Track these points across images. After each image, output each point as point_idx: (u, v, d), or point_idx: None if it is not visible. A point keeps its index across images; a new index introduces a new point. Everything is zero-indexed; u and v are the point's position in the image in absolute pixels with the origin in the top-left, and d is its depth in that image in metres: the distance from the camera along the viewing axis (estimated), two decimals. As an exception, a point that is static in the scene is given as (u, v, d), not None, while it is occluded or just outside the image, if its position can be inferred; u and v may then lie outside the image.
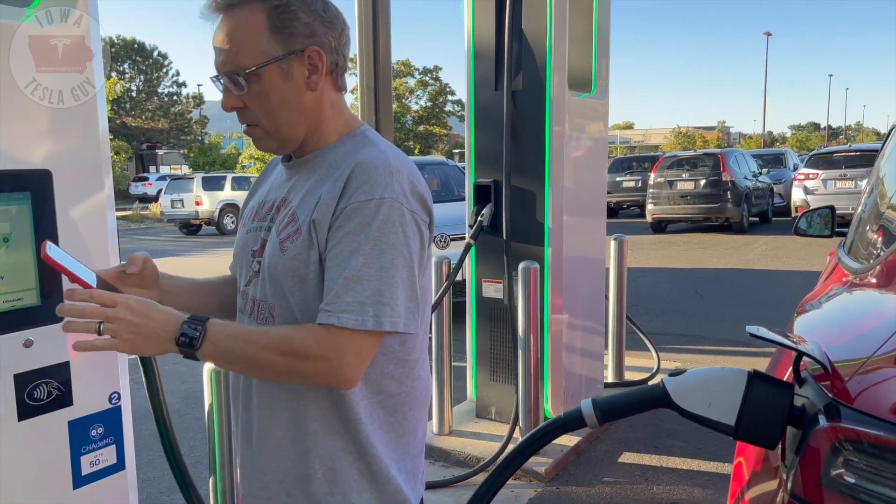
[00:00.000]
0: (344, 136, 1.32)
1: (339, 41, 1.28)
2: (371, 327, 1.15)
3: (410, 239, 1.21)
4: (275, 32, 1.22)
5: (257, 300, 1.31)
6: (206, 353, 1.16)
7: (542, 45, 3.88)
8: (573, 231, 4.13)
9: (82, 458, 1.66)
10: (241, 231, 1.40)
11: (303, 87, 1.25)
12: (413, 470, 1.37)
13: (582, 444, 3.95)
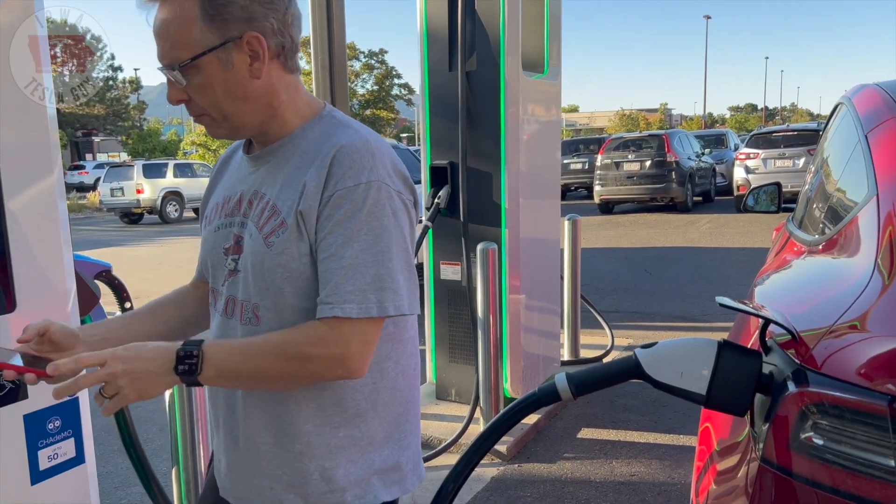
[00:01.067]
0: (310, 120, 1.26)
1: (283, 21, 1.20)
2: (375, 314, 1.14)
3: (401, 220, 1.19)
4: (208, 20, 1.15)
5: (238, 299, 1.26)
6: (209, 376, 1.12)
7: (495, 25, 3.87)
8: (529, 212, 4.15)
9: (39, 453, 1.60)
10: (208, 230, 1.33)
11: (246, 75, 1.18)
12: (415, 446, 1.38)
13: (541, 421, 4.01)
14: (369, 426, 1.26)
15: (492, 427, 1.36)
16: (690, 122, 70.91)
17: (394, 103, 41.79)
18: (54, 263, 1.60)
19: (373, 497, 1.27)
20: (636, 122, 62.53)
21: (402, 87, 41.04)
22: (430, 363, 4.43)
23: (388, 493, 1.30)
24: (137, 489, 3.45)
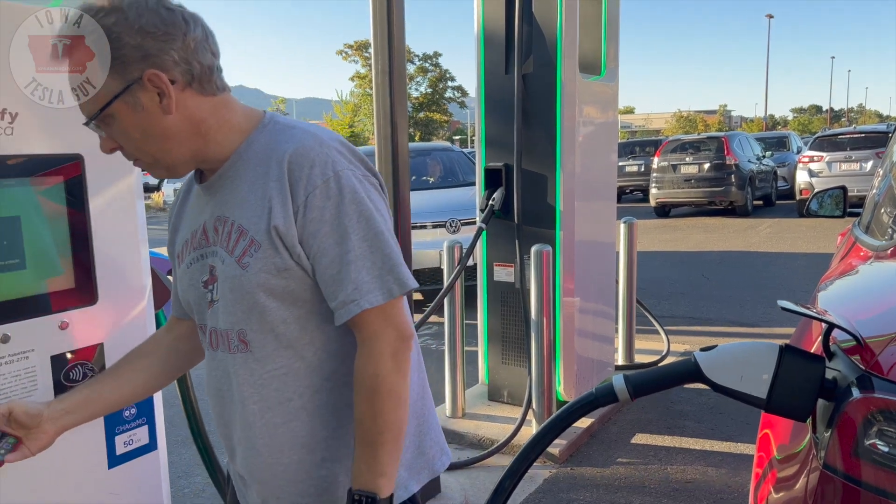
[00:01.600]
0: (252, 132, 1.23)
1: (186, 50, 1.15)
2: (398, 293, 1.17)
3: (376, 200, 1.21)
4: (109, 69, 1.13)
5: (220, 330, 1.24)
6: (387, 486, 1.17)
7: (552, 27, 3.88)
8: (584, 214, 4.14)
9: (116, 439, 1.69)
10: (181, 268, 1.31)
11: (159, 112, 1.15)
12: (435, 426, 1.40)
13: (595, 425, 3.99)
14: None
15: (549, 425, 1.38)
16: (751, 125, 69.07)
17: (447, 106, 41.94)
18: (132, 260, 1.70)
19: (403, 490, 1.29)
20: (694, 124, 61.19)
21: (456, 89, 41.16)
22: (482, 364, 4.45)
23: (417, 481, 1.32)
24: (199, 478, 3.58)
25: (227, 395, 1.27)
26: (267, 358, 1.21)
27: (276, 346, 1.21)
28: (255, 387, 1.22)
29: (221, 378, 1.28)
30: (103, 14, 1.11)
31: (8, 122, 1.46)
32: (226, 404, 1.28)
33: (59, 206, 1.56)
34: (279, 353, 1.21)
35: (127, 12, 1.11)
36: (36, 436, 1.30)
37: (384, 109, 2.89)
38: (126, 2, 1.12)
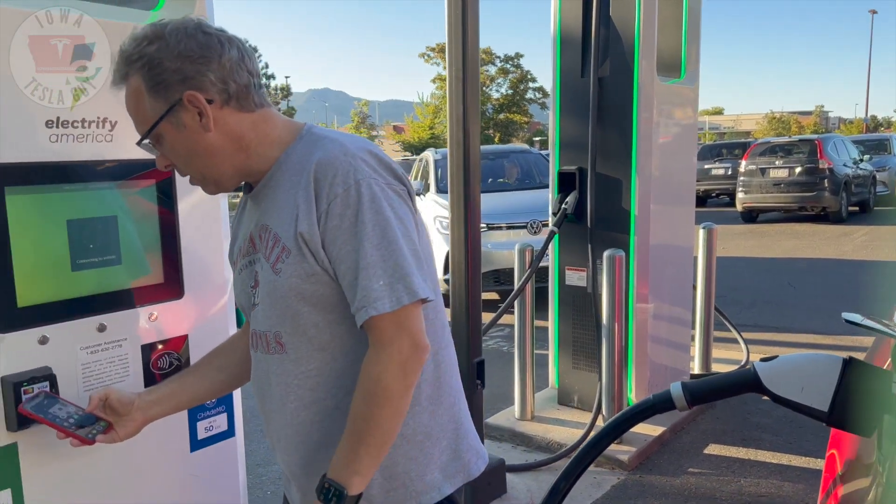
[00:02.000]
0: (291, 144, 1.29)
1: (222, 70, 1.22)
2: (407, 301, 1.17)
3: (398, 209, 1.22)
4: (153, 92, 1.22)
5: (259, 332, 1.32)
6: (357, 483, 1.19)
7: (630, 30, 3.84)
8: (660, 219, 4.08)
9: (198, 424, 1.81)
10: (235, 273, 1.40)
11: (200, 130, 1.23)
12: (472, 431, 1.41)
13: (666, 434, 3.92)
14: (419, 421, 1.29)
15: (606, 429, 1.40)
16: (850, 126, 65.47)
17: (527, 107, 41.72)
18: (215, 258, 1.81)
19: (437, 492, 1.32)
20: (787, 126, 58.52)
21: (537, 90, 40.90)
22: (552, 368, 4.45)
23: (451, 484, 1.34)
24: (276, 467, 3.74)
25: (267, 394, 1.34)
26: (301, 359, 1.27)
27: (310, 349, 1.26)
28: (291, 386, 1.29)
29: (262, 377, 1.35)
30: (147, 42, 1.20)
31: (108, 129, 1.59)
32: (266, 402, 1.36)
33: (151, 207, 1.69)
34: (313, 354, 1.26)
35: (168, 39, 1.19)
36: (125, 423, 1.44)
37: (457, 115, 2.95)
38: (168, 29, 1.21)
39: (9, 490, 1.47)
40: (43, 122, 1.49)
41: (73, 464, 1.55)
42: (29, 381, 1.45)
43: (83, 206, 1.57)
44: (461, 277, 3.11)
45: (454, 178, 3.04)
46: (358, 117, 46.42)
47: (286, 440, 1.33)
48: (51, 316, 1.51)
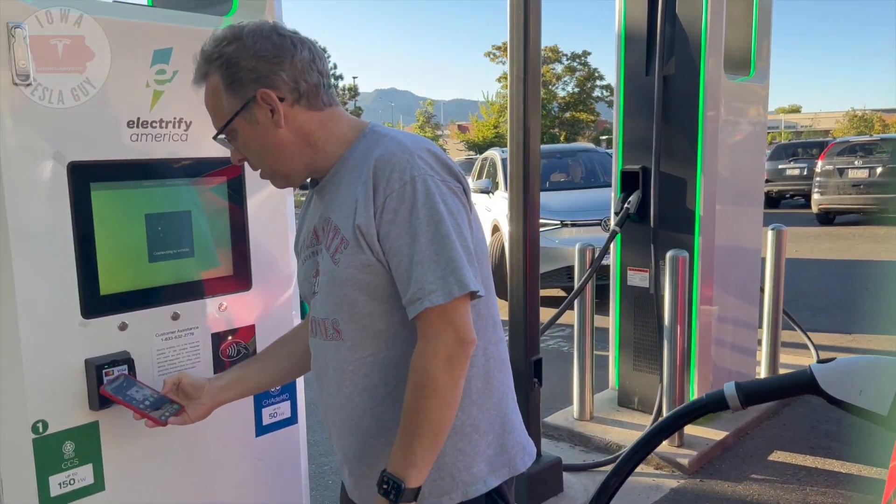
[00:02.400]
0: (355, 142, 1.35)
1: (294, 70, 1.29)
2: (458, 294, 1.21)
3: (452, 205, 1.25)
4: (230, 89, 1.29)
5: (318, 319, 1.38)
6: (417, 478, 1.23)
7: (696, 27, 3.78)
8: (726, 220, 4.00)
9: (263, 410, 1.89)
10: (299, 263, 1.46)
11: (272, 127, 1.30)
12: (519, 427, 1.44)
13: (729, 439, 3.84)
14: (468, 414, 1.33)
15: (657, 428, 1.40)
16: (938, 124, 61.88)
17: (594, 105, 41.18)
18: (281, 251, 1.90)
19: (482, 483, 1.35)
20: (870, 124, 55.81)
21: (605, 88, 40.33)
22: (612, 369, 4.42)
23: (497, 477, 1.37)
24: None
25: (325, 379, 1.41)
26: (357, 346, 1.32)
27: (365, 336, 1.31)
28: (346, 372, 1.34)
29: (320, 363, 1.42)
30: (226, 43, 1.28)
31: (183, 129, 1.69)
32: (323, 387, 1.42)
33: (222, 203, 1.78)
34: (367, 342, 1.32)
35: (245, 40, 1.27)
36: (196, 406, 1.53)
37: (518, 114, 2.97)
38: (246, 31, 1.29)
39: (90, 465, 1.59)
40: (125, 123, 1.60)
41: (148, 442, 1.66)
42: (110, 364, 1.56)
43: (160, 202, 1.67)
44: (519, 276, 3.13)
45: (514, 178, 3.06)
46: (423, 117, 46.76)
47: (340, 424, 1.39)
48: (130, 304, 1.62)
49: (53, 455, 1.52)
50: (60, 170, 1.50)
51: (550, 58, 39.25)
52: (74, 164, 1.51)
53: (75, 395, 1.55)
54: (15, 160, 1.44)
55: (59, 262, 1.51)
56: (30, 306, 1.48)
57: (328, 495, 3.51)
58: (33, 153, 1.46)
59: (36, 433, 1.50)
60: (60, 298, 1.52)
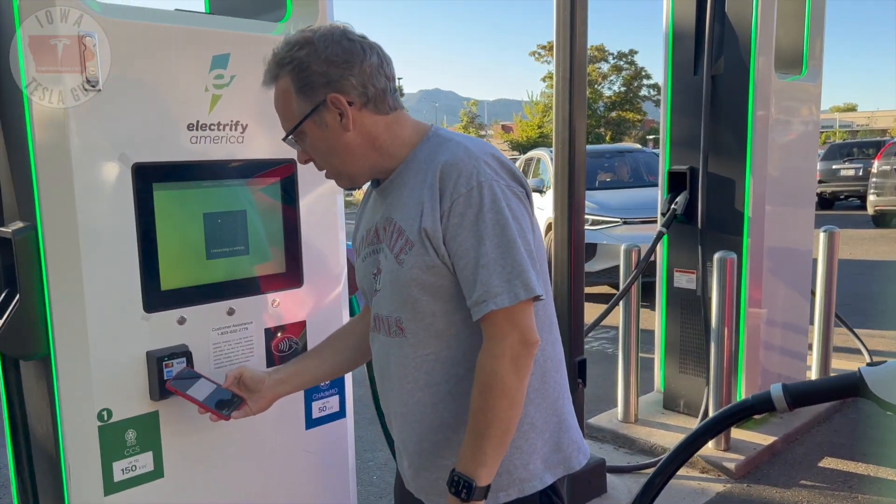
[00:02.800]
0: (418, 144, 1.38)
1: (363, 75, 1.32)
2: (524, 297, 1.24)
3: (516, 210, 1.28)
4: (300, 93, 1.32)
5: (382, 316, 1.42)
6: (485, 475, 1.27)
7: (746, 26, 3.73)
8: (776, 221, 3.93)
9: (313, 404, 1.95)
10: (359, 260, 1.50)
11: (340, 130, 1.33)
12: (574, 426, 1.46)
13: (778, 444, 3.78)
14: (525, 412, 1.35)
15: (703, 428, 1.41)
16: None
17: (641, 104, 40.63)
18: (332, 250, 1.95)
19: (538, 481, 1.38)
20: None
21: (652, 87, 39.75)
22: (658, 371, 4.38)
23: (553, 474, 1.40)
24: (383, 454, 3.90)
25: (387, 374, 1.45)
26: (419, 344, 1.36)
27: (427, 335, 1.35)
28: (409, 368, 1.38)
29: (382, 358, 1.46)
30: (298, 47, 1.32)
31: (240, 132, 1.76)
32: (385, 381, 1.46)
33: (275, 202, 1.84)
34: (429, 341, 1.35)
35: (316, 45, 1.31)
36: (256, 399, 1.59)
37: (563, 114, 2.98)
38: (317, 36, 1.32)
39: (150, 452, 1.66)
40: (185, 126, 1.67)
41: (205, 432, 1.73)
42: (169, 356, 1.63)
43: (217, 201, 1.74)
44: (564, 276, 3.14)
45: (559, 178, 3.07)
46: (467, 117, 46.77)
47: (402, 418, 1.44)
48: (188, 299, 1.69)
49: (117, 442, 1.60)
50: (125, 171, 1.58)
51: (596, 57, 38.87)
52: (138, 165, 1.59)
53: (137, 385, 1.62)
54: (84, 162, 1.52)
55: (123, 259, 1.59)
56: (96, 300, 1.56)
57: (372, 490, 3.57)
58: (101, 155, 1.54)
59: (101, 421, 1.58)
60: (124, 293, 1.59)
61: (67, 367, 1.56)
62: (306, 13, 1.90)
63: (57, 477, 1.62)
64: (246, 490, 1.83)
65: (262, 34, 1.80)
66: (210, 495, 1.76)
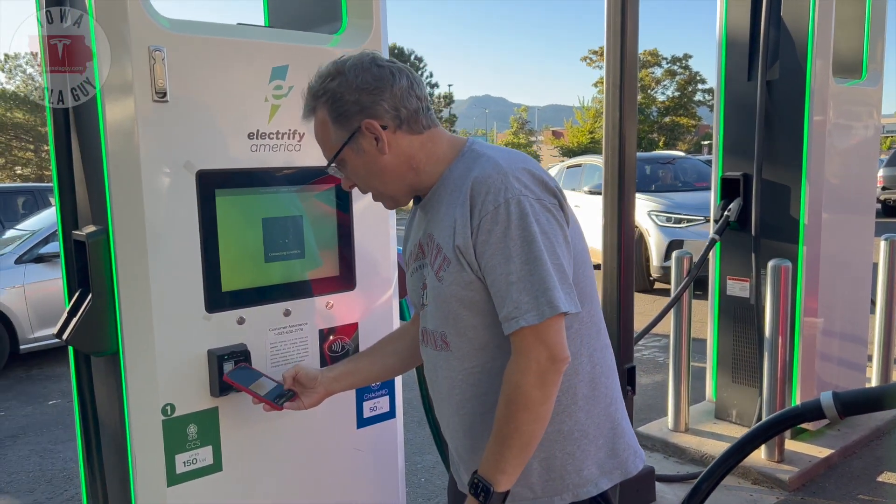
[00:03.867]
0: (454, 161, 1.41)
1: (394, 98, 1.36)
2: (549, 315, 1.25)
3: (545, 224, 1.29)
4: (336, 122, 1.37)
5: (429, 330, 1.46)
6: (504, 482, 1.30)
7: (803, 30, 3.66)
8: (833, 229, 3.84)
9: (364, 404, 2.01)
10: (408, 274, 1.54)
11: (376, 154, 1.37)
12: (629, 431, 1.48)
13: (835, 457, 3.68)
14: (575, 420, 1.38)
15: (751, 434, 1.41)
16: None
17: (695, 109, 39.87)
18: (383, 254, 2.00)
19: (593, 486, 1.40)
20: None
21: (707, 92, 38.99)
22: (710, 380, 4.31)
23: (609, 480, 1.42)
24: (431, 457, 3.94)
25: (436, 385, 1.49)
26: (464, 357, 1.40)
27: (471, 348, 1.38)
28: (456, 381, 1.42)
29: (431, 371, 1.50)
30: (330, 79, 1.38)
31: (297, 140, 1.83)
32: (436, 392, 1.51)
33: (330, 208, 1.91)
34: (474, 353, 1.38)
35: (347, 75, 1.36)
36: (309, 394, 1.66)
37: (613, 121, 2.99)
38: (347, 66, 1.37)
39: (210, 446, 1.74)
40: (245, 135, 1.74)
41: (261, 429, 1.80)
42: (229, 355, 1.71)
43: (275, 207, 1.81)
44: (613, 283, 3.13)
45: (608, 185, 3.07)
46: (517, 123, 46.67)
47: (453, 427, 1.48)
48: (247, 300, 1.77)
49: (179, 435, 1.68)
50: (189, 178, 1.66)
51: (650, 61, 38.33)
52: (202, 172, 1.67)
53: (199, 382, 1.70)
54: (152, 169, 1.61)
55: (187, 261, 1.67)
56: (161, 300, 1.64)
57: (420, 492, 3.61)
58: (167, 163, 1.63)
59: (165, 415, 1.66)
60: (188, 294, 1.68)
61: (134, 363, 1.65)
62: (361, 25, 1.96)
63: (124, 468, 1.72)
64: (299, 486, 1.89)
65: (319, 46, 1.87)
66: (265, 489, 1.83)
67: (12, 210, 10.29)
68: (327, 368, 1.70)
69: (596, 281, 1.48)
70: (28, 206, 10.48)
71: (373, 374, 1.72)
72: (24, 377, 5.99)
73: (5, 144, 28.72)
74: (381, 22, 1.98)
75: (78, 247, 1.70)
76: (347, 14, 1.98)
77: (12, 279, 5.99)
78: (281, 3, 2.27)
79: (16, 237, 6.70)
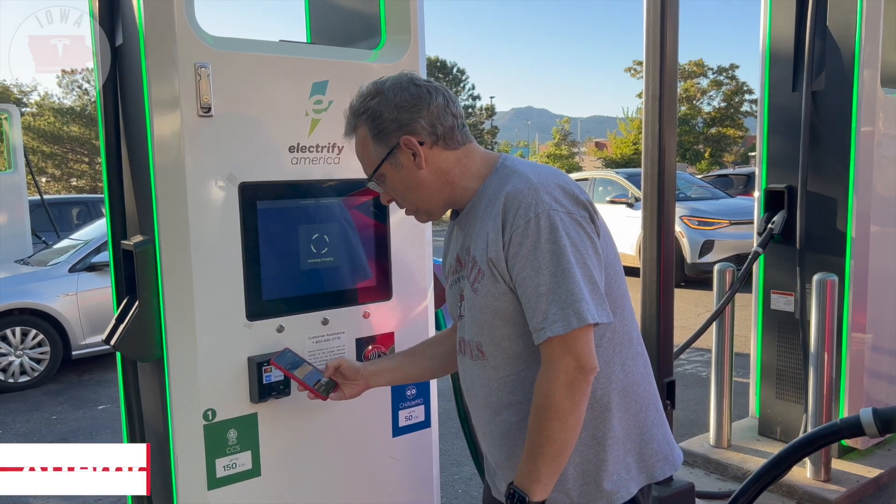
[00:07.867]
0: (488, 176, 1.46)
1: (431, 116, 1.42)
2: (576, 325, 1.27)
3: (575, 238, 1.32)
4: (376, 139, 1.43)
5: (466, 340, 1.50)
6: (540, 491, 1.33)
7: (849, 40, 3.58)
8: (883, 242, 3.74)
9: (399, 413, 2.03)
10: (447, 286, 1.59)
11: (414, 168, 1.43)
12: (659, 437, 1.49)
13: (884, 477, 3.57)
14: (608, 425, 1.41)
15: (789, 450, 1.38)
16: None
17: (742, 120, 39.16)
18: (419, 265, 2.03)
19: (625, 490, 1.42)
20: None
21: (754, 102, 38.23)
22: (753, 396, 4.22)
23: (636, 483, 1.44)
24: (468, 468, 3.94)
25: (472, 394, 1.52)
26: (500, 366, 1.43)
27: (505, 357, 1.42)
28: (492, 389, 1.46)
29: (467, 379, 1.54)
30: (370, 98, 1.44)
31: (336, 153, 1.87)
32: (472, 401, 1.54)
33: (368, 219, 1.95)
34: (509, 362, 1.42)
35: (386, 94, 1.42)
36: (351, 386, 1.72)
37: (653, 132, 2.97)
38: (387, 85, 1.44)
39: (249, 452, 1.78)
40: (286, 148, 1.80)
41: (299, 435, 1.84)
42: (269, 362, 1.75)
43: (314, 217, 1.86)
44: (653, 296, 3.10)
45: (648, 197, 3.05)
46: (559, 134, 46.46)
47: (490, 436, 1.51)
48: (286, 309, 1.81)
49: (220, 440, 1.73)
50: (232, 190, 1.71)
51: (695, 72, 37.83)
52: (244, 184, 1.73)
53: (239, 388, 1.75)
54: (197, 181, 1.67)
55: (229, 270, 1.72)
56: (204, 308, 1.70)
57: (457, 503, 3.61)
58: (211, 176, 1.69)
59: (206, 420, 1.71)
60: (230, 302, 1.73)
61: (178, 368, 1.70)
62: (400, 40, 2.01)
63: (166, 471, 1.77)
64: (336, 493, 1.92)
65: (359, 62, 1.92)
66: (303, 495, 1.87)
67: (67, 220, 10.67)
68: (369, 363, 1.76)
69: (629, 290, 1.49)
70: (82, 217, 10.87)
71: (413, 373, 1.76)
72: (76, 382, 6.19)
73: (62, 157, 29.79)
74: (418, 37, 2.02)
75: (126, 256, 1.76)
76: (386, 30, 2.02)
77: (66, 287, 6.22)
78: (323, 20, 2.33)
79: (70, 246, 6.95)
